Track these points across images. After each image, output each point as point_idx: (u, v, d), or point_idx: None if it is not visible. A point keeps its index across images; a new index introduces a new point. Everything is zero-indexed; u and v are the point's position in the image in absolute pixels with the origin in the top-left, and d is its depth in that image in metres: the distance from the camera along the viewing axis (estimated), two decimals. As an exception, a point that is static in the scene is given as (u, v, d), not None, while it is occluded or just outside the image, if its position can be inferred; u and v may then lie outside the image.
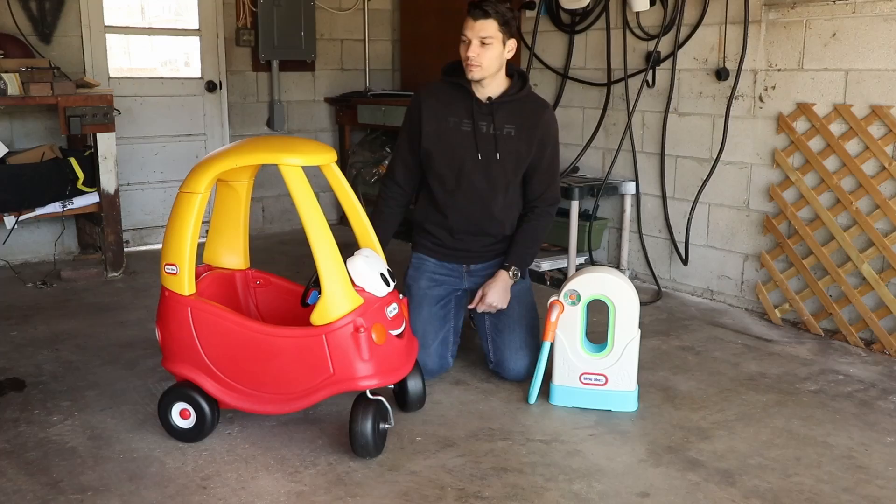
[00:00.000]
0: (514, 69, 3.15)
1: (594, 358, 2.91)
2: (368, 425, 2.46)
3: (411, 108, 3.18)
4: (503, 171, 3.11)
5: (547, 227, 3.26)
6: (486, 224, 3.16)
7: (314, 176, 3.43)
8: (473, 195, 3.14)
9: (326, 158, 2.54)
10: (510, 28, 3.00)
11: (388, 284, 2.57)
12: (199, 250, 2.64)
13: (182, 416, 2.62)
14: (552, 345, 2.93)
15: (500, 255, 3.23)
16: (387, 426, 2.55)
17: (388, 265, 2.68)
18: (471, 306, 3.17)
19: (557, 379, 2.94)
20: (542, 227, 3.22)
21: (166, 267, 2.59)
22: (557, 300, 2.88)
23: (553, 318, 2.87)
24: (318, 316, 2.43)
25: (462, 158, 3.11)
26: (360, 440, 2.48)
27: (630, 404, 2.91)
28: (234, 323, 2.54)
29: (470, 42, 2.97)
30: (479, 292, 3.13)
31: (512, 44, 3.03)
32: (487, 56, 2.98)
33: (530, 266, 3.26)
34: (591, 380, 2.91)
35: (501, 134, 3.08)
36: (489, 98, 3.08)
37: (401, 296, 2.70)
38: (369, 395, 2.49)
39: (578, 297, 2.88)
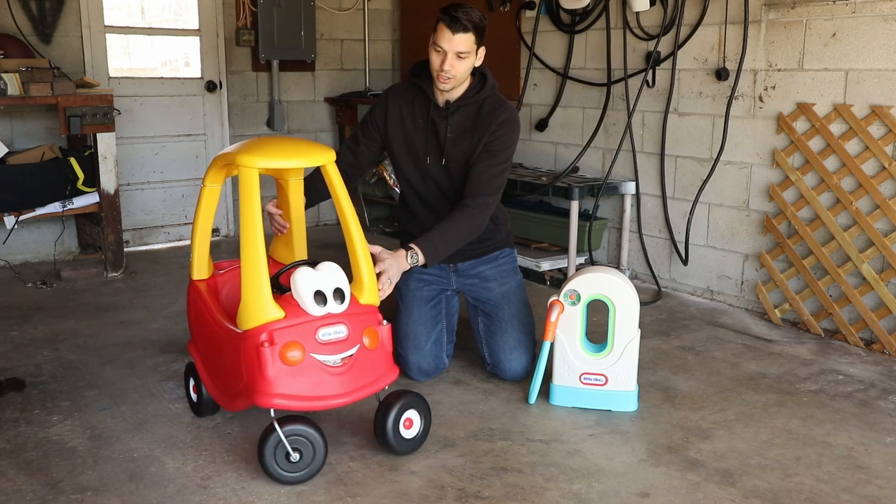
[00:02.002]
0: (477, 69, 3.07)
1: (594, 358, 2.91)
2: (266, 451, 2.31)
3: (377, 108, 3.17)
4: (461, 172, 3.08)
5: (470, 221, 2.95)
6: None
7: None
8: (441, 197, 3.14)
9: (320, 159, 2.48)
10: (483, 38, 2.95)
11: (324, 304, 2.36)
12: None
13: (193, 390, 2.79)
14: (552, 345, 2.93)
15: (486, 252, 3.22)
16: (294, 456, 2.32)
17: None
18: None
19: (557, 379, 2.94)
20: (463, 219, 2.94)
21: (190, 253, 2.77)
22: (557, 300, 2.88)
23: (553, 318, 2.87)
24: (238, 321, 2.37)
25: (424, 161, 3.11)
26: (259, 462, 2.34)
27: (630, 404, 2.91)
28: (206, 311, 2.62)
29: (445, 54, 2.89)
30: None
31: (482, 51, 2.99)
32: (462, 69, 2.93)
33: (440, 257, 2.90)
34: (591, 380, 2.91)
35: (455, 136, 3.06)
36: (447, 101, 3.06)
37: (384, 322, 2.50)
38: (272, 415, 2.33)
39: (578, 297, 2.87)
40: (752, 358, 3.47)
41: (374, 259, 2.66)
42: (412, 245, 2.84)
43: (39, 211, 4.41)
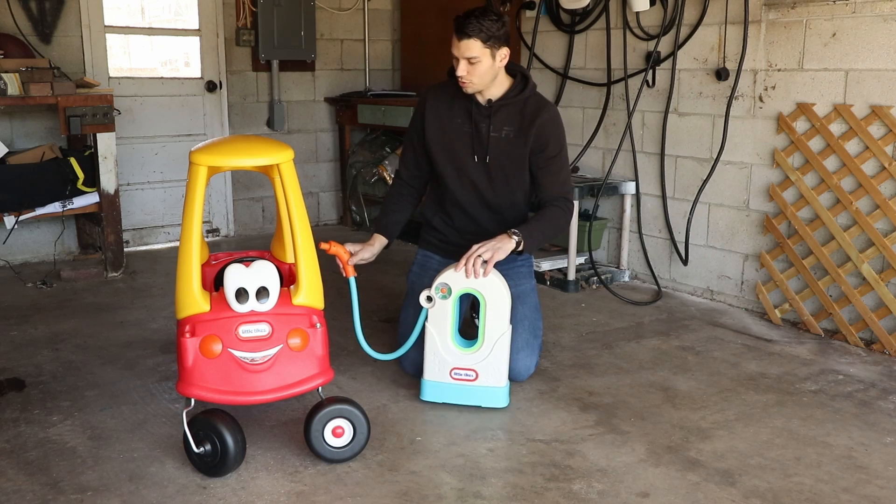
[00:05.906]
0: (517, 69, 3.12)
1: (465, 353, 2.88)
2: (184, 441, 2.42)
3: (418, 108, 3.22)
4: (502, 172, 3.12)
5: (561, 218, 3.08)
6: (490, 224, 3.17)
7: (312, 176, 3.40)
8: (476, 196, 3.16)
9: (274, 158, 2.45)
10: (498, 40, 2.93)
11: (244, 301, 2.38)
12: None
13: None
14: (422, 336, 2.89)
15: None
16: (201, 451, 2.39)
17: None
18: (457, 266, 2.87)
19: (428, 374, 2.90)
20: (555, 215, 3.07)
21: None
22: (331, 241, 2.82)
23: (334, 250, 2.81)
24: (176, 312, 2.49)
25: (462, 159, 3.13)
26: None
27: (500, 400, 2.89)
28: None
29: (459, 61, 2.95)
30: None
31: (503, 52, 2.98)
32: (477, 73, 2.95)
33: (536, 248, 3.02)
34: (461, 375, 2.88)
35: (499, 136, 3.08)
36: (489, 101, 3.08)
37: (317, 325, 2.48)
38: (187, 407, 2.42)
39: (450, 291, 2.84)
40: (752, 358, 3.47)
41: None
42: (513, 229, 2.90)
43: (39, 211, 4.41)
